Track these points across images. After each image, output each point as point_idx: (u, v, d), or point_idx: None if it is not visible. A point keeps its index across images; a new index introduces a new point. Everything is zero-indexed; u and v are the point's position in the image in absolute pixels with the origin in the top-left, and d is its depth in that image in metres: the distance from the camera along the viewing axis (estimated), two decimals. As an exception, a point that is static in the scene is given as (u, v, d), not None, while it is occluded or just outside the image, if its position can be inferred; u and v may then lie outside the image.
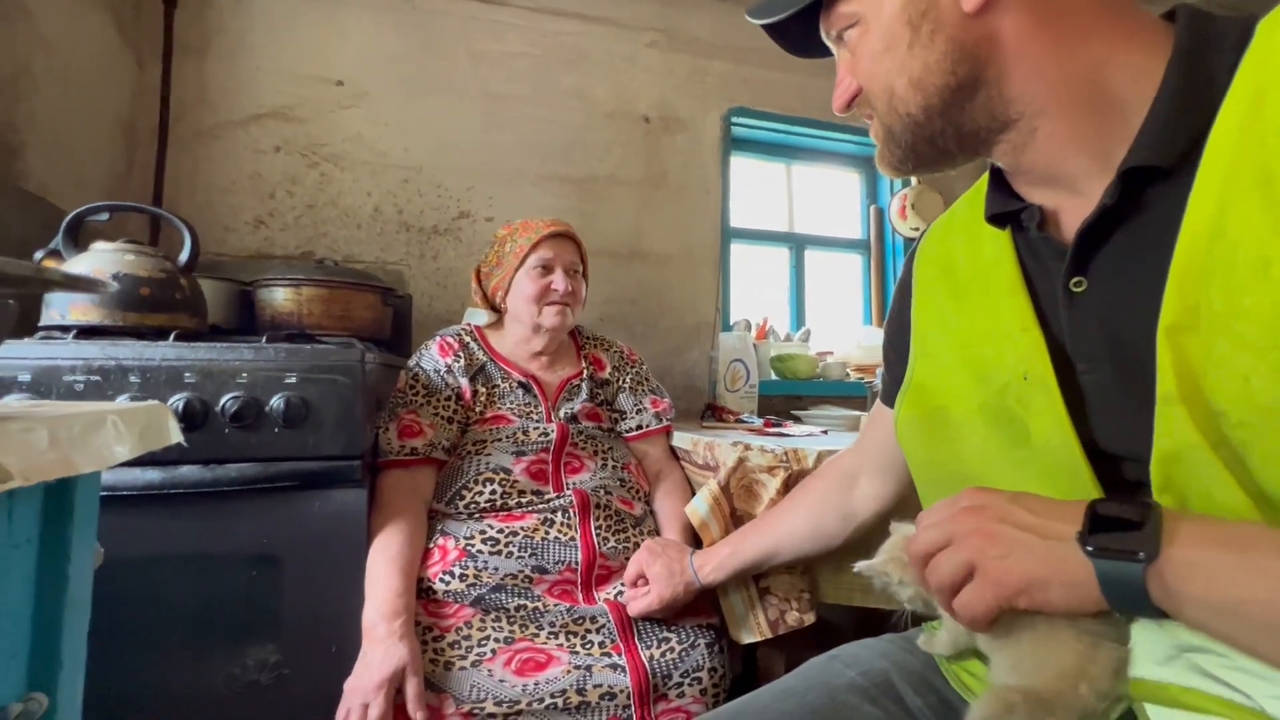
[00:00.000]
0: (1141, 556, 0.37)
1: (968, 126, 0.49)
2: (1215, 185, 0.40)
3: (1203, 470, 0.39)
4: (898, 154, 0.53)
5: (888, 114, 0.52)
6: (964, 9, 0.46)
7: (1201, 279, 0.39)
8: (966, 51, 0.47)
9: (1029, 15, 0.45)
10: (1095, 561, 0.39)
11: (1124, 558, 0.38)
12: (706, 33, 1.96)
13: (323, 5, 1.65)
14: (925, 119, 0.50)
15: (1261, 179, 0.37)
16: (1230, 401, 0.38)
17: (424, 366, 1.15)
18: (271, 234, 1.59)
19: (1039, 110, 0.47)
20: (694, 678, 0.92)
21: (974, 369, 0.54)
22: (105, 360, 0.86)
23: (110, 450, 0.41)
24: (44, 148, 1.21)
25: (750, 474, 1.02)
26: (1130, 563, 0.38)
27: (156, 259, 0.99)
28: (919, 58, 0.48)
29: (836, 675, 0.61)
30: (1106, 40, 0.45)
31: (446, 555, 0.98)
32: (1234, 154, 0.39)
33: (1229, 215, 0.39)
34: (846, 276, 2.29)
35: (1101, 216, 0.45)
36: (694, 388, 1.90)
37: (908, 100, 0.50)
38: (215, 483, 0.89)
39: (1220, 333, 0.38)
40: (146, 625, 0.86)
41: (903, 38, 0.48)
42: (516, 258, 1.18)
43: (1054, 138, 0.47)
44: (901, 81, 0.49)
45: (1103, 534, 0.39)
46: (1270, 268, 0.37)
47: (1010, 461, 0.50)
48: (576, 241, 1.24)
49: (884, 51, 0.50)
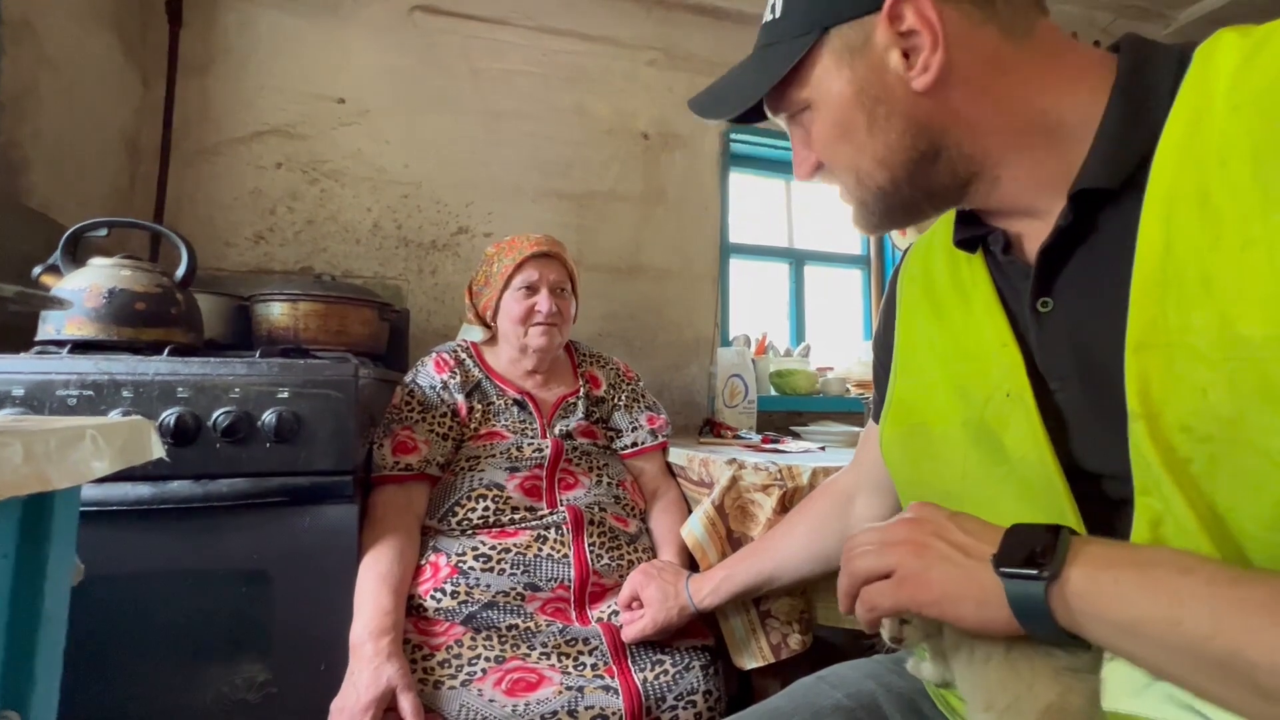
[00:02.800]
0: (1045, 575, 0.39)
1: (935, 187, 0.51)
2: (1161, 205, 0.41)
3: (1174, 487, 0.39)
4: (873, 220, 0.55)
5: (857, 188, 0.53)
6: (914, 88, 0.47)
7: (1157, 296, 0.40)
8: (923, 126, 0.48)
9: (975, 83, 0.47)
10: (1004, 581, 0.41)
11: (1028, 579, 0.40)
12: (705, 50, 1.98)
13: (325, 25, 1.68)
14: (894, 189, 0.51)
15: (1200, 198, 0.39)
16: (1195, 416, 0.38)
17: (420, 383, 1.15)
18: (271, 249, 1.60)
19: (999, 160, 0.49)
20: (688, 700, 0.90)
21: (956, 386, 0.54)
22: (99, 375, 0.86)
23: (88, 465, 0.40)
24: (48, 165, 1.23)
25: (744, 493, 1.01)
26: (1033, 582, 0.40)
27: (153, 274, 1.00)
28: (879, 138, 0.50)
29: (823, 696, 0.60)
30: (1053, 86, 0.47)
31: (438, 572, 0.97)
32: (1175, 174, 0.40)
33: (1174, 233, 0.40)
34: (846, 292, 2.29)
35: (1059, 238, 0.46)
36: (693, 403, 1.90)
37: (875, 176, 0.51)
38: (206, 498, 0.88)
39: (1176, 348, 0.39)
40: (135, 642, 0.86)
41: (859, 123, 0.50)
42: (502, 278, 1.18)
43: (1018, 180, 0.49)
44: (865, 161, 0.51)
45: (1013, 552, 0.42)
46: (1212, 284, 0.38)
47: (990, 479, 0.51)
48: (562, 259, 1.22)
49: (841, 136, 0.51)
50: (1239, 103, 0.38)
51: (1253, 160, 0.37)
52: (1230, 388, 0.37)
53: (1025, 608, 0.40)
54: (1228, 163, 0.38)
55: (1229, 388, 0.37)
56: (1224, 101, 0.39)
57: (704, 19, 1.98)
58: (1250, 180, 0.37)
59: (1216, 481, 0.38)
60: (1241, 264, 0.37)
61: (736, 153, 2.07)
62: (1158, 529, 0.40)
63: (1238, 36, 0.40)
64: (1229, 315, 0.37)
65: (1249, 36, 0.40)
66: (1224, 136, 0.38)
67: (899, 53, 0.47)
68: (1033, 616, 0.40)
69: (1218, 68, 0.40)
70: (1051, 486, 0.46)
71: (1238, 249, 0.37)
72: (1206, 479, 0.38)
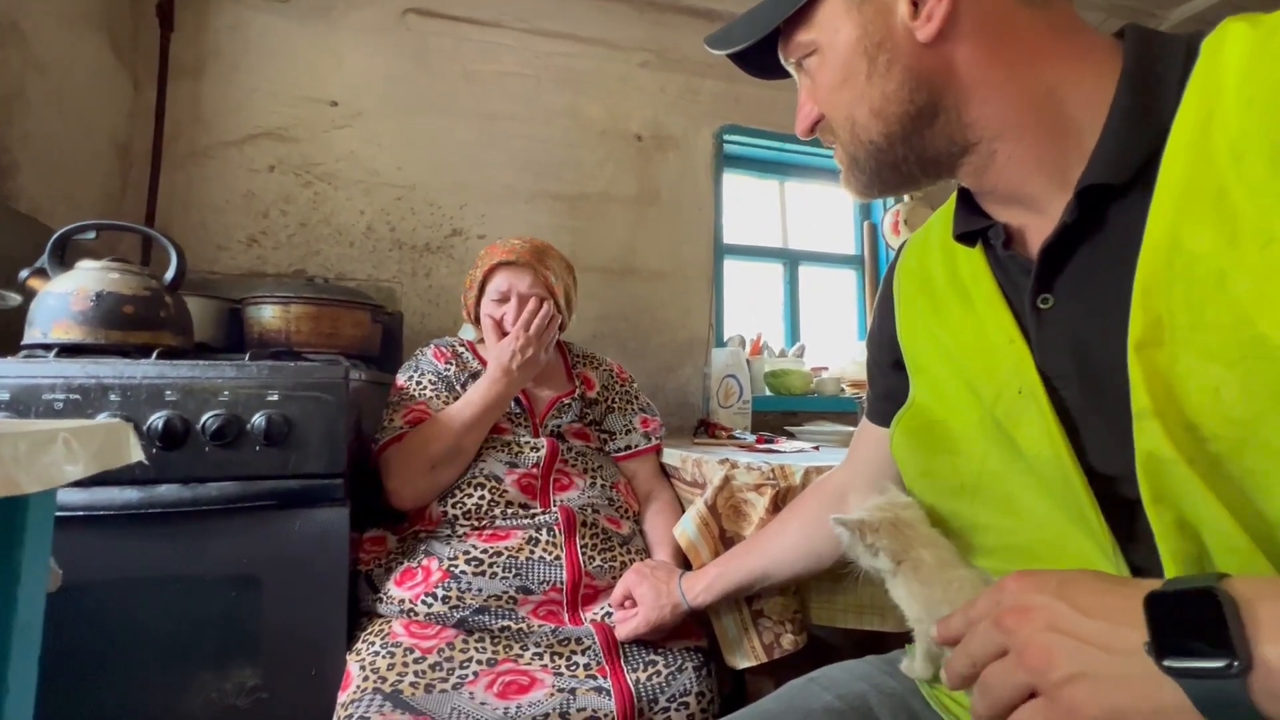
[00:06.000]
0: (1235, 669, 0.30)
1: (929, 151, 0.50)
2: (1171, 202, 0.40)
3: (1183, 486, 0.38)
4: (863, 180, 0.54)
5: (851, 142, 0.53)
6: (918, 39, 0.47)
7: (1163, 294, 0.39)
8: (923, 80, 0.48)
9: (982, 42, 0.46)
10: (1183, 683, 0.32)
11: (1213, 675, 0.31)
12: (698, 52, 1.98)
13: (318, 28, 1.67)
14: (887, 146, 0.51)
15: (1215, 195, 0.38)
16: (1203, 415, 0.37)
17: (423, 367, 1.17)
18: (264, 252, 1.60)
19: (997, 134, 0.48)
20: (681, 702, 0.90)
21: (965, 383, 0.54)
22: (85, 379, 0.85)
23: (60, 469, 0.40)
24: (37, 168, 1.22)
25: (737, 493, 1.01)
26: (1224, 680, 0.31)
27: (141, 277, 0.99)
28: (877, 87, 0.49)
29: (813, 698, 0.59)
30: (1058, 63, 0.46)
31: (429, 576, 0.96)
32: (1187, 171, 0.39)
33: (1184, 230, 0.39)
34: (840, 292, 2.29)
35: (1062, 234, 0.46)
36: (687, 404, 1.89)
37: (869, 128, 0.51)
38: (195, 502, 0.88)
39: (1186, 346, 0.38)
40: (122, 648, 0.85)
41: (860, 68, 0.49)
42: (473, 286, 1.19)
43: (1013, 159, 0.48)
44: (862, 111, 0.50)
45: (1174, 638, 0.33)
46: (1226, 280, 0.37)
47: (1009, 473, 0.50)
48: (535, 268, 1.17)
49: (843, 82, 0.51)
50: (1252, 96, 0.37)
51: (1270, 155, 0.36)
52: (1245, 387, 0.36)
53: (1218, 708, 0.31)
54: (1243, 158, 0.37)
55: (1243, 387, 0.36)
56: (1235, 95, 0.38)
57: (697, 20, 1.98)
58: (1268, 176, 0.36)
59: (1220, 482, 0.37)
60: (1262, 261, 0.35)
61: (730, 153, 2.07)
62: (1182, 531, 0.39)
63: (1247, 26, 0.39)
64: (1247, 313, 0.36)
65: (1259, 26, 0.39)
66: (1238, 131, 0.37)
67: (907, 2, 0.47)
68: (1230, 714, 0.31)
69: (1227, 60, 0.39)
70: (1069, 485, 0.44)
71: (1258, 246, 0.36)
72: (1210, 479, 0.37)
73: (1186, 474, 0.38)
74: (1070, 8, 0.48)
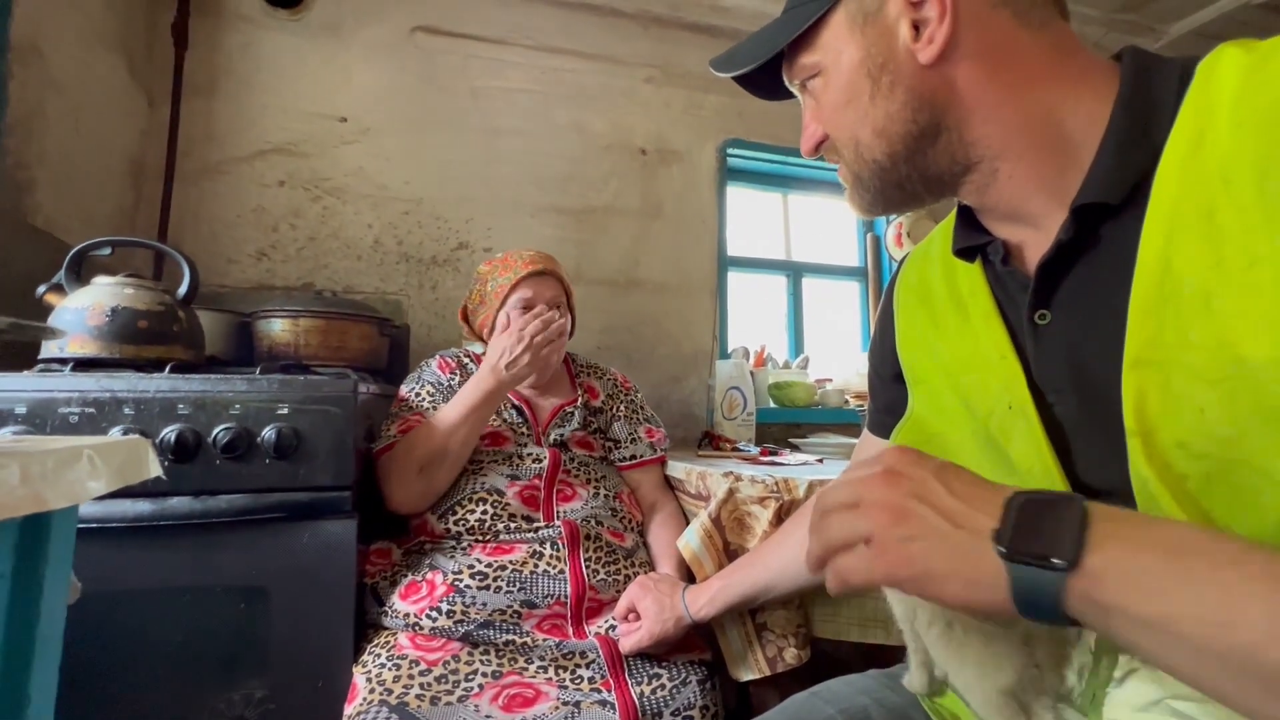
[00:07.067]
0: (1060, 565, 0.34)
1: (932, 170, 0.51)
2: (1162, 221, 0.41)
3: (1175, 502, 0.39)
4: (867, 198, 0.55)
5: (855, 161, 0.54)
6: (920, 61, 0.48)
7: (1155, 313, 0.40)
8: (925, 100, 0.49)
9: (982, 64, 0.47)
10: (1009, 565, 0.35)
11: (1037, 564, 0.34)
12: (702, 68, 1.99)
13: (328, 46, 1.70)
14: (891, 165, 0.52)
15: (1204, 215, 0.38)
16: (1192, 433, 0.38)
17: (425, 378, 1.18)
18: (274, 266, 1.62)
19: (998, 153, 0.49)
20: (685, 715, 0.90)
21: (960, 396, 0.54)
22: (100, 392, 0.87)
23: (84, 486, 0.41)
24: (54, 184, 1.25)
25: (741, 506, 1.01)
26: (1046, 570, 0.34)
27: (155, 292, 1.01)
28: (881, 107, 0.50)
29: (816, 712, 0.60)
30: (1058, 84, 0.47)
31: (434, 590, 0.97)
32: (1178, 191, 0.40)
33: (1174, 250, 0.40)
34: (844, 304, 2.30)
35: (1059, 251, 0.46)
36: (691, 416, 1.90)
37: (873, 148, 0.52)
38: (205, 514, 0.89)
39: (1174, 365, 0.39)
40: (133, 659, 0.86)
41: (863, 89, 0.50)
42: (498, 298, 1.20)
43: (1014, 178, 0.49)
44: (866, 131, 0.51)
45: (1020, 531, 0.36)
46: (1211, 300, 0.37)
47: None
48: (557, 275, 1.24)
49: (847, 103, 0.52)
50: (1242, 120, 0.38)
51: (1258, 178, 0.36)
52: (1228, 407, 0.36)
53: (1032, 599, 0.35)
54: (1232, 181, 0.37)
55: (1226, 407, 0.36)
56: (1227, 118, 0.38)
57: (700, 37, 2.01)
58: (1255, 198, 0.36)
59: (1213, 498, 0.38)
60: (1245, 283, 0.36)
61: (734, 167, 2.09)
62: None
63: (1241, 52, 0.40)
64: (1229, 335, 0.36)
65: (1252, 52, 0.39)
66: (1228, 154, 0.38)
67: (909, 24, 0.48)
68: (1038, 607, 0.35)
69: (1220, 84, 0.40)
70: None
71: (1241, 268, 0.36)
72: (1203, 495, 0.38)
73: (1179, 491, 0.38)
74: (1069, 30, 0.49)
